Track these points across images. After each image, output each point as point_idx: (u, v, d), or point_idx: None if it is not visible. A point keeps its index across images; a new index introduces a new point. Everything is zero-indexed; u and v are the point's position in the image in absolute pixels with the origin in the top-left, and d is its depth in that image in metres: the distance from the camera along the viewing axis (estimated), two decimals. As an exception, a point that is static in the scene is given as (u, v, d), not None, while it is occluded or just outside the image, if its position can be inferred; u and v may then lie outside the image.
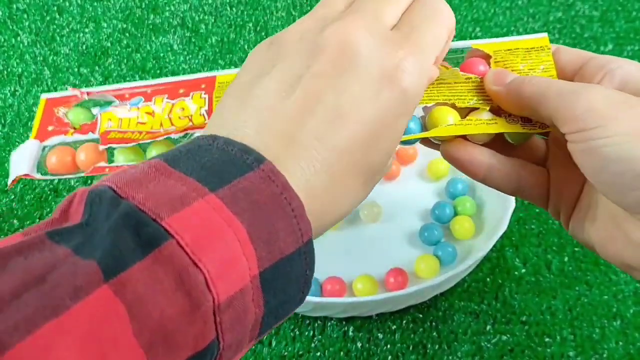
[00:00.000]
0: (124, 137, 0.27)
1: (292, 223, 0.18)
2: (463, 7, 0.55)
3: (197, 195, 0.17)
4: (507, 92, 0.24)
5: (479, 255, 0.34)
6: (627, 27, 0.52)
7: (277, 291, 0.18)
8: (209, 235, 0.16)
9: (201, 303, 0.16)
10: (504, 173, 0.25)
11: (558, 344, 0.34)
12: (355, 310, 0.34)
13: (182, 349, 0.16)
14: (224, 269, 0.16)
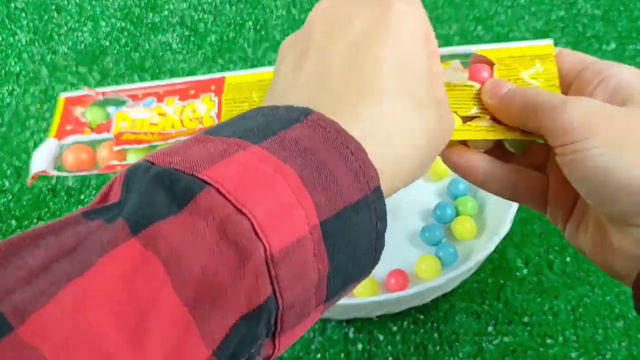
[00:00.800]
0: (137, 139, 0.28)
1: (354, 168, 0.16)
2: (465, 6, 0.54)
3: (238, 148, 0.16)
4: (501, 106, 0.25)
5: (480, 256, 0.34)
6: (629, 26, 0.52)
7: (343, 245, 0.16)
8: (253, 181, 0.15)
9: (250, 253, 0.14)
10: (501, 179, 0.25)
11: (560, 344, 0.34)
12: (355, 311, 0.34)
13: (233, 306, 0.14)
14: (275, 217, 0.15)
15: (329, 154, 0.16)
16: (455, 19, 0.53)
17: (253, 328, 0.15)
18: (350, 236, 0.16)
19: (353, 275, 0.17)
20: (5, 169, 0.43)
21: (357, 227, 0.17)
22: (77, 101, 0.30)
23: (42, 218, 0.40)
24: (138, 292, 0.13)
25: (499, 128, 0.25)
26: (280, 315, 0.15)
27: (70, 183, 0.43)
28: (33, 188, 0.42)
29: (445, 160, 0.26)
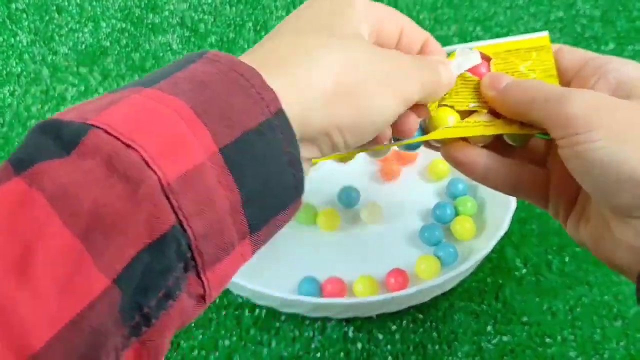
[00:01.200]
0: None
1: (250, 94, 0.16)
2: (464, 7, 0.55)
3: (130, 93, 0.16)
4: (501, 97, 0.24)
5: (479, 256, 0.34)
6: (628, 26, 0.52)
7: (251, 170, 0.16)
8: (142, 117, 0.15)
9: (141, 181, 0.14)
10: (501, 174, 0.25)
11: (559, 344, 0.34)
12: (355, 310, 0.34)
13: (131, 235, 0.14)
14: (166, 147, 0.15)
15: (222, 84, 0.16)
16: (455, 20, 0.54)
17: (159, 257, 0.15)
18: (257, 160, 0.16)
19: (274, 204, 0.17)
20: (6, 169, 0.44)
21: (264, 151, 0.16)
22: None
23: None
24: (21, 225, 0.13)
25: (498, 122, 0.25)
26: (196, 247, 0.15)
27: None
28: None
29: (446, 156, 0.26)
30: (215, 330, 0.35)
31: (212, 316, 0.36)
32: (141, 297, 0.15)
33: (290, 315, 0.36)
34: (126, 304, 0.14)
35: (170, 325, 0.16)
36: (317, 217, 0.39)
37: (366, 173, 0.42)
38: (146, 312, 0.15)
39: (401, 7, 0.55)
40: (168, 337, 0.16)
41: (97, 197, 0.14)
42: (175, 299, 0.15)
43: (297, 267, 0.36)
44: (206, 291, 0.16)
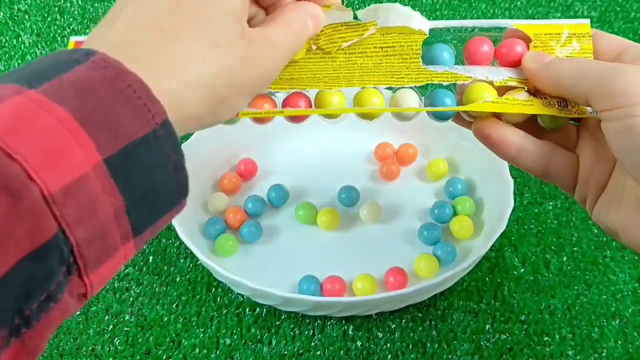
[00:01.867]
0: None
1: (137, 105, 0.17)
2: (462, 8, 0.55)
3: (12, 93, 0.16)
4: (547, 70, 0.24)
5: (478, 255, 0.34)
6: (625, 27, 0.52)
7: (136, 178, 0.16)
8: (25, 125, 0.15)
9: (23, 195, 0.14)
10: (534, 155, 0.25)
11: (557, 343, 0.34)
12: (355, 309, 0.34)
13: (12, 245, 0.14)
14: (49, 158, 0.15)
15: (109, 93, 0.16)
16: (454, 21, 0.54)
17: (41, 264, 0.15)
18: (143, 169, 0.17)
19: (158, 208, 0.18)
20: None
21: (150, 161, 0.17)
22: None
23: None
24: None
25: (537, 102, 0.25)
26: (78, 252, 0.16)
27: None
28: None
29: (478, 133, 0.26)
30: (216, 329, 0.35)
31: (213, 315, 0.36)
32: (22, 302, 0.15)
33: (290, 314, 0.36)
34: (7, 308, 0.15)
35: (51, 325, 0.16)
36: (317, 217, 0.39)
37: (366, 173, 0.43)
38: (27, 315, 0.15)
39: (401, 8, 0.55)
40: (48, 335, 0.16)
41: None
42: (56, 302, 0.16)
43: (297, 266, 0.37)
44: (88, 290, 0.17)
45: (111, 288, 0.37)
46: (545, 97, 0.25)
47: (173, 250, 0.39)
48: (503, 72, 0.26)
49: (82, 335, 0.35)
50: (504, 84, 0.26)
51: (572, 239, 0.39)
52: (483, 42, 0.26)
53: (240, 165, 0.42)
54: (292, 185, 0.41)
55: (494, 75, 0.26)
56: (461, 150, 0.41)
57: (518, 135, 0.25)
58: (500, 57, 0.27)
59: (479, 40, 0.26)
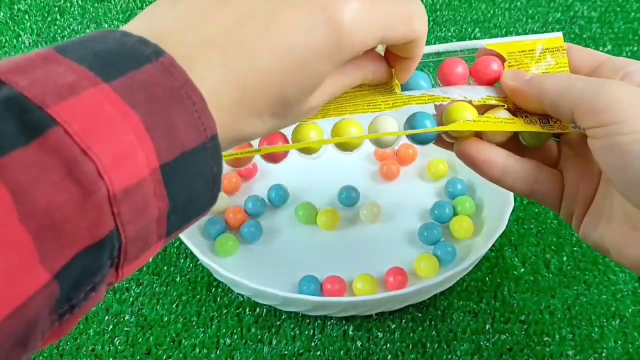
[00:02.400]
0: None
1: (193, 117, 0.18)
2: (462, 8, 0.55)
3: (88, 84, 0.16)
4: (529, 87, 0.24)
5: (478, 255, 0.34)
6: (625, 27, 0.52)
7: (181, 186, 0.18)
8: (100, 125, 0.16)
9: (93, 192, 0.15)
10: (520, 174, 0.25)
11: (557, 343, 0.34)
12: (355, 309, 0.34)
13: (76, 238, 0.15)
14: (118, 160, 0.16)
15: (172, 102, 0.17)
16: (454, 22, 0.54)
17: (97, 258, 0.16)
18: (188, 178, 0.18)
19: (191, 214, 0.19)
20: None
21: (195, 170, 0.18)
22: None
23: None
24: None
25: (518, 120, 0.24)
26: (124, 248, 0.17)
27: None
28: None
29: (461, 154, 0.25)
30: (217, 329, 0.35)
31: (213, 315, 0.36)
32: (74, 291, 0.16)
33: (290, 314, 0.36)
34: (61, 297, 0.16)
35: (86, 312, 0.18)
36: (317, 217, 0.39)
37: (366, 173, 0.43)
38: (73, 303, 0.17)
39: (401, 8, 0.55)
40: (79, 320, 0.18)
41: (52, 197, 0.15)
42: (97, 291, 0.17)
43: (297, 266, 0.37)
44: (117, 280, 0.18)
45: (111, 288, 0.37)
46: (526, 114, 0.25)
47: (173, 250, 0.39)
48: (481, 90, 0.26)
49: (82, 335, 0.35)
50: (482, 103, 0.25)
51: (572, 239, 0.39)
52: (457, 63, 0.26)
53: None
54: (292, 185, 0.41)
55: (472, 94, 0.25)
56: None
57: (502, 155, 0.25)
58: (476, 77, 0.26)
59: (452, 62, 0.26)
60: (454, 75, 0.26)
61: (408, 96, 0.25)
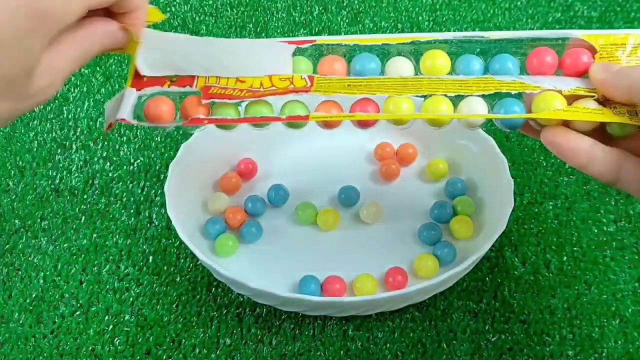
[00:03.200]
0: (225, 94, 0.28)
1: None
2: (462, 8, 0.55)
3: None
4: (617, 78, 0.25)
5: (478, 255, 0.34)
6: (625, 27, 0.52)
7: None
8: None
9: None
10: (605, 162, 0.25)
11: (557, 343, 0.34)
12: (355, 309, 0.34)
13: None
14: None
15: None
16: (454, 22, 0.54)
17: None
18: None
19: None
20: (9, 168, 0.44)
21: None
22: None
23: (45, 217, 0.41)
24: None
25: (607, 111, 0.25)
26: None
27: (74, 182, 0.43)
28: (36, 187, 0.43)
29: (547, 141, 0.26)
30: (217, 329, 0.35)
31: (213, 315, 0.36)
32: None
33: (290, 314, 0.36)
34: None
35: None
36: (317, 217, 0.39)
37: (366, 173, 0.43)
38: None
39: (400, 9, 0.55)
40: None
41: None
42: None
43: (297, 266, 0.37)
44: None
45: (111, 288, 0.37)
46: (614, 106, 0.26)
47: (173, 251, 0.39)
48: (570, 81, 0.26)
49: (82, 335, 0.35)
50: (572, 94, 0.26)
51: (572, 239, 0.39)
52: (547, 53, 0.27)
53: (240, 165, 0.42)
54: (292, 185, 0.41)
55: (562, 84, 0.26)
56: (461, 150, 0.41)
57: (588, 143, 0.25)
58: (565, 68, 0.27)
59: (542, 51, 0.27)
60: (544, 64, 0.27)
61: (499, 81, 0.26)
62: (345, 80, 0.28)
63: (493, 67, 0.27)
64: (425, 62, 0.28)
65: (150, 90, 0.28)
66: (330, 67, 0.28)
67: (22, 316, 0.36)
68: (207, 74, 0.28)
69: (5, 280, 0.38)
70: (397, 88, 0.27)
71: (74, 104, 0.48)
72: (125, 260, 0.39)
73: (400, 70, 0.28)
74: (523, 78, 0.26)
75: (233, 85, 0.28)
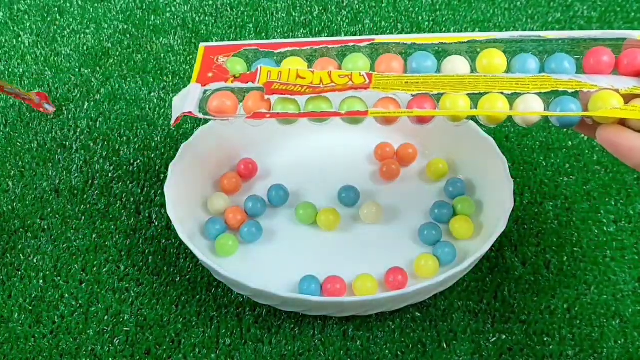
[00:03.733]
0: (287, 89, 0.29)
1: None
2: (462, 8, 0.55)
3: None
4: None
5: (478, 255, 0.34)
6: (625, 27, 0.52)
7: None
8: None
9: None
10: None
11: (557, 343, 0.34)
12: (355, 309, 0.34)
13: None
14: None
15: None
16: (453, 22, 0.54)
17: None
18: None
19: None
20: (9, 169, 0.44)
21: None
22: (217, 51, 0.31)
23: (45, 218, 0.41)
24: None
25: None
26: None
27: (74, 182, 0.43)
28: (36, 188, 0.43)
29: (604, 140, 0.26)
30: (216, 329, 0.35)
31: (213, 315, 0.36)
32: None
33: (290, 314, 0.36)
34: None
35: None
36: (317, 217, 0.39)
37: (366, 173, 0.43)
38: None
39: (400, 9, 0.55)
40: None
41: None
42: None
43: (297, 266, 0.37)
44: None
45: (111, 288, 0.37)
46: None
47: (173, 251, 0.39)
48: (628, 81, 0.27)
49: (82, 335, 0.35)
50: (629, 93, 0.26)
51: (572, 239, 0.39)
52: (603, 52, 0.27)
53: (240, 165, 0.42)
54: (292, 185, 0.41)
55: (619, 84, 0.26)
56: (461, 150, 0.41)
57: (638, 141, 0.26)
58: (621, 68, 0.27)
59: (599, 50, 0.27)
60: (601, 63, 0.27)
61: (556, 80, 0.27)
62: (403, 77, 0.29)
63: (549, 66, 0.27)
64: (481, 60, 0.28)
65: (215, 86, 0.30)
66: (388, 65, 0.29)
67: (22, 316, 0.36)
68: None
69: (5, 280, 0.38)
70: (454, 85, 0.27)
71: (74, 104, 0.48)
72: (125, 260, 0.39)
73: (456, 68, 0.28)
74: (580, 77, 0.27)
75: (294, 81, 0.29)
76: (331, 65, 0.30)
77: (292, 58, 0.30)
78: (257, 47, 0.31)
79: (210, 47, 0.31)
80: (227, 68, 0.31)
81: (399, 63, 0.29)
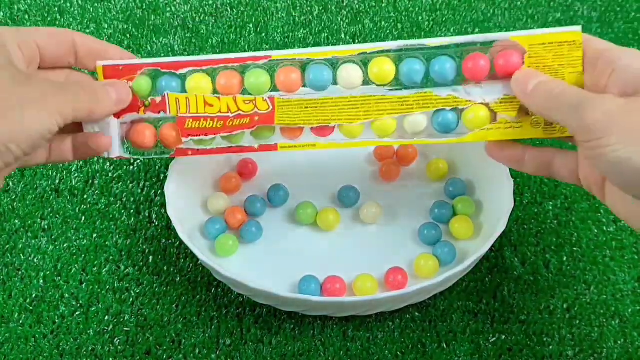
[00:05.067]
0: (200, 127, 0.31)
1: None
2: (462, 8, 0.55)
3: None
4: (528, 99, 0.28)
5: (477, 255, 0.34)
6: (625, 27, 0.52)
7: None
8: None
9: None
10: (537, 162, 0.30)
11: (557, 343, 0.35)
12: (355, 309, 0.34)
13: None
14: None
15: None
16: (453, 22, 0.54)
17: None
18: None
19: None
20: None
21: None
22: (118, 73, 0.31)
23: (45, 217, 0.41)
24: None
25: (526, 124, 0.30)
26: None
27: (74, 182, 0.43)
28: (37, 187, 0.43)
29: (488, 153, 0.32)
30: (217, 329, 0.35)
31: (213, 315, 0.36)
32: None
33: (290, 314, 0.36)
34: None
35: None
36: (317, 217, 0.39)
37: (366, 173, 0.43)
38: None
39: (400, 9, 0.55)
40: None
41: None
42: None
43: (297, 266, 0.37)
44: None
45: (111, 288, 0.37)
46: (533, 114, 0.30)
47: (173, 251, 0.39)
48: (499, 89, 0.30)
49: (82, 335, 0.35)
50: (499, 104, 0.30)
51: (572, 239, 0.39)
52: (480, 58, 0.30)
53: (240, 165, 0.42)
54: (292, 185, 0.41)
55: (491, 94, 0.30)
56: (461, 150, 0.41)
57: (519, 150, 0.31)
58: (498, 69, 0.30)
59: (476, 56, 0.30)
60: (478, 69, 0.30)
61: (436, 97, 0.31)
62: (303, 102, 0.31)
63: (433, 68, 0.30)
64: (372, 68, 0.31)
65: (129, 117, 0.32)
66: (287, 77, 0.31)
67: (22, 316, 0.36)
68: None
69: (5, 280, 0.38)
70: (349, 112, 0.31)
71: (74, 104, 0.48)
72: (125, 260, 0.39)
73: (350, 76, 0.31)
74: (458, 92, 0.31)
75: (202, 111, 0.31)
76: (235, 79, 0.31)
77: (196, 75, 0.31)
78: (158, 66, 0.31)
79: (109, 67, 0.31)
80: (134, 89, 0.31)
81: (297, 75, 0.31)
